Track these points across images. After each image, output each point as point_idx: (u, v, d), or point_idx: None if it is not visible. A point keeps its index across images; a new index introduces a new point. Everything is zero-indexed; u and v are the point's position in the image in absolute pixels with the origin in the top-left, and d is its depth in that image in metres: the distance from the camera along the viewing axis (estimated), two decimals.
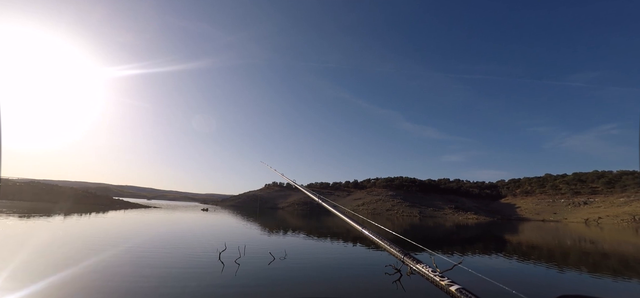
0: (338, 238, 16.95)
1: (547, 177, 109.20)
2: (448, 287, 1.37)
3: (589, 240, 26.51)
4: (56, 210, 30.85)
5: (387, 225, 39.37)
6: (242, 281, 7.44)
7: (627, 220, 63.47)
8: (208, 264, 9.05)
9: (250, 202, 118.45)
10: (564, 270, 11.44)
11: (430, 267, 1.60)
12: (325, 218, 47.79)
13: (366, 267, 9.98)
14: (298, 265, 9.72)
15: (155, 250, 11.15)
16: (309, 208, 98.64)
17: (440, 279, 1.47)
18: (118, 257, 9.57)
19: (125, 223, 21.88)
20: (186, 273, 7.85)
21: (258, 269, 8.81)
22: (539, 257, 14.73)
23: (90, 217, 25.25)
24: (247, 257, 10.25)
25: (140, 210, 41.38)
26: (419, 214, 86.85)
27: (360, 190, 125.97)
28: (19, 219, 19.85)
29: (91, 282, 6.70)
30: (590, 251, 18.62)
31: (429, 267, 1.60)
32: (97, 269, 7.89)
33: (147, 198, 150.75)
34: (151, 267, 8.35)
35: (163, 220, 27.38)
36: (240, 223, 28.73)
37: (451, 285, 1.37)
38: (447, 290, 1.37)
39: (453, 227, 41.30)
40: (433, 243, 19.84)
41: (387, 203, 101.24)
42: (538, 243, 22.62)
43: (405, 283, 7.95)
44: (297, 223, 31.51)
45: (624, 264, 13.58)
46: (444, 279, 1.45)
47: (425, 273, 1.57)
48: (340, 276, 8.75)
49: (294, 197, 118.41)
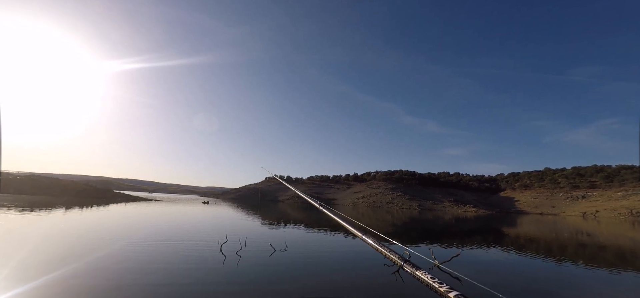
0: (338, 230, 17.12)
1: (546, 171, 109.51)
2: (447, 294, 1.42)
3: (586, 232, 26.75)
4: (57, 203, 31.04)
5: (387, 217, 39.63)
6: (243, 273, 7.56)
7: (624, 214, 63.92)
8: (209, 256, 9.17)
9: (251, 195, 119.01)
10: (561, 262, 11.59)
11: (430, 273, 1.67)
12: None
13: (366, 259, 10.12)
14: (299, 257, 9.85)
15: (156, 242, 11.28)
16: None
17: (438, 285, 1.52)
18: (119, 250, 9.69)
19: (126, 217, 22.06)
20: (188, 265, 7.97)
21: (259, 261, 8.94)
22: (536, 250, 14.91)
23: (91, 211, 25.44)
24: (248, 249, 10.38)
25: (141, 203, 41.63)
26: (419, 207, 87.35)
27: (361, 183, 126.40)
28: (20, 213, 20.01)
29: (91, 275, 6.80)
30: (587, 243, 18.83)
31: (428, 273, 1.67)
32: (98, 263, 8.00)
33: (148, 191, 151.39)
34: (152, 260, 8.46)
35: (164, 213, 27.58)
36: (241, 215, 28.94)
37: (450, 292, 1.42)
38: (446, 296, 1.42)
39: (452, 219, 41.61)
40: (432, 236, 20.04)
41: (387, 197, 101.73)
42: (536, 235, 22.84)
43: (405, 274, 8.07)
44: (298, 216, 31.73)
45: (620, 257, 13.75)
46: (442, 285, 1.50)
47: (425, 280, 1.63)
48: (340, 267, 8.88)
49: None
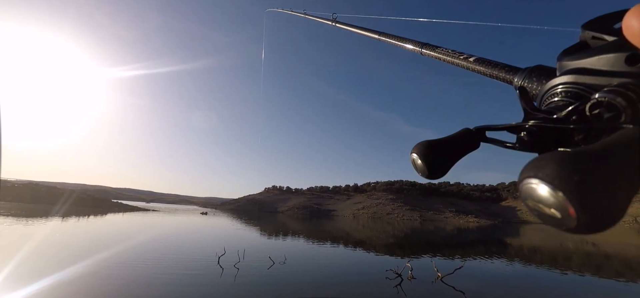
0: (338, 243, 16.82)
1: None
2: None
3: (591, 242, 26.36)
4: (54, 212, 30.70)
5: (388, 229, 39.12)
6: (241, 286, 7.33)
7: (629, 222, 63.28)
8: (207, 269, 8.94)
9: (249, 206, 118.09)
10: (567, 273, 11.31)
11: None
12: (325, 222, 47.65)
13: (367, 272, 9.86)
14: (298, 270, 9.60)
15: (153, 254, 11.03)
16: (308, 212, 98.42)
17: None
18: (115, 261, 9.45)
19: (123, 227, 21.74)
20: (184, 278, 7.74)
21: (257, 274, 8.69)
22: (541, 261, 14.60)
23: (88, 220, 25.11)
24: (247, 262, 10.13)
25: (138, 214, 41.20)
26: (420, 218, 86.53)
27: (361, 194, 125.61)
28: (17, 222, 19.71)
29: (87, 287, 6.59)
30: (593, 253, 18.48)
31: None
32: (94, 274, 7.77)
33: (146, 201, 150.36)
34: (149, 272, 8.23)
35: (161, 223, 27.22)
36: (239, 227, 28.56)
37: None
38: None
39: (454, 230, 41.10)
40: (434, 248, 19.70)
41: (387, 207, 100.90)
42: (540, 246, 22.47)
43: (406, 288, 7.83)
44: (297, 227, 31.33)
45: (627, 266, 13.45)
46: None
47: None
48: (340, 281, 8.63)
49: (293, 200, 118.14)
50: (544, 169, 0.19)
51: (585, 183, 0.17)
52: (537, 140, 0.30)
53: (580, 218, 0.17)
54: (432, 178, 0.36)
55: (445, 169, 0.36)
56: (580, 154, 0.19)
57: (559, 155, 0.19)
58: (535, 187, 0.19)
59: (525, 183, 0.20)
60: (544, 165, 0.19)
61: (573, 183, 0.17)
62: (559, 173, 0.18)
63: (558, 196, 0.18)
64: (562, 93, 0.32)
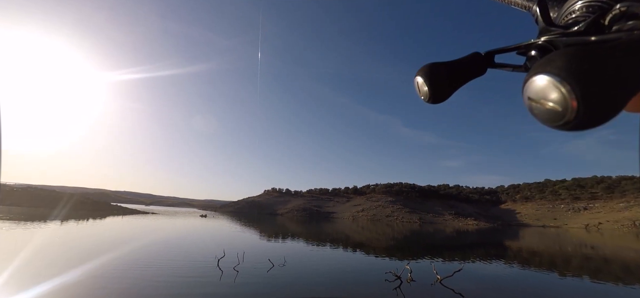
0: (338, 245, 16.82)
1: (546, 182, 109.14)
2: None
3: (590, 245, 26.38)
4: (54, 216, 30.61)
5: (388, 231, 39.10)
6: (240, 288, 7.34)
7: (628, 226, 63.28)
8: (206, 271, 8.94)
9: (249, 208, 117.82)
10: (566, 277, 11.34)
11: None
12: (324, 225, 47.59)
13: (366, 274, 9.88)
14: (297, 272, 9.61)
15: (153, 257, 11.03)
16: (308, 214, 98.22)
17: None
18: (115, 264, 9.45)
19: (122, 230, 21.70)
20: (184, 281, 7.75)
21: (257, 276, 8.71)
22: (540, 264, 14.62)
23: (88, 224, 25.05)
24: (246, 264, 10.14)
25: (138, 217, 41.10)
26: (419, 220, 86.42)
27: (360, 196, 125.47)
28: (16, 226, 19.66)
29: (86, 292, 6.59)
30: (592, 257, 18.51)
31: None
32: (93, 278, 7.78)
33: (145, 204, 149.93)
34: (148, 275, 8.24)
35: (161, 226, 27.17)
36: (238, 229, 28.51)
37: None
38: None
39: (453, 232, 41.09)
40: (433, 250, 19.70)
41: (386, 210, 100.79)
42: (539, 249, 22.48)
43: (405, 290, 7.86)
44: (297, 230, 31.29)
45: (626, 270, 13.48)
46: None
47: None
48: (340, 283, 8.64)
49: (293, 203, 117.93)
50: (553, 62, 0.19)
51: (593, 76, 0.17)
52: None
53: (580, 110, 0.18)
54: (434, 102, 0.35)
55: (448, 93, 0.35)
56: (590, 49, 0.19)
57: (570, 50, 0.19)
58: (541, 81, 0.19)
59: (531, 81, 0.20)
60: (554, 59, 0.19)
61: (581, 75, 0.17)
62: (568, 66, 0.18)
63: (564, 87, 0.18)
64: (582, 8, 0.31)
